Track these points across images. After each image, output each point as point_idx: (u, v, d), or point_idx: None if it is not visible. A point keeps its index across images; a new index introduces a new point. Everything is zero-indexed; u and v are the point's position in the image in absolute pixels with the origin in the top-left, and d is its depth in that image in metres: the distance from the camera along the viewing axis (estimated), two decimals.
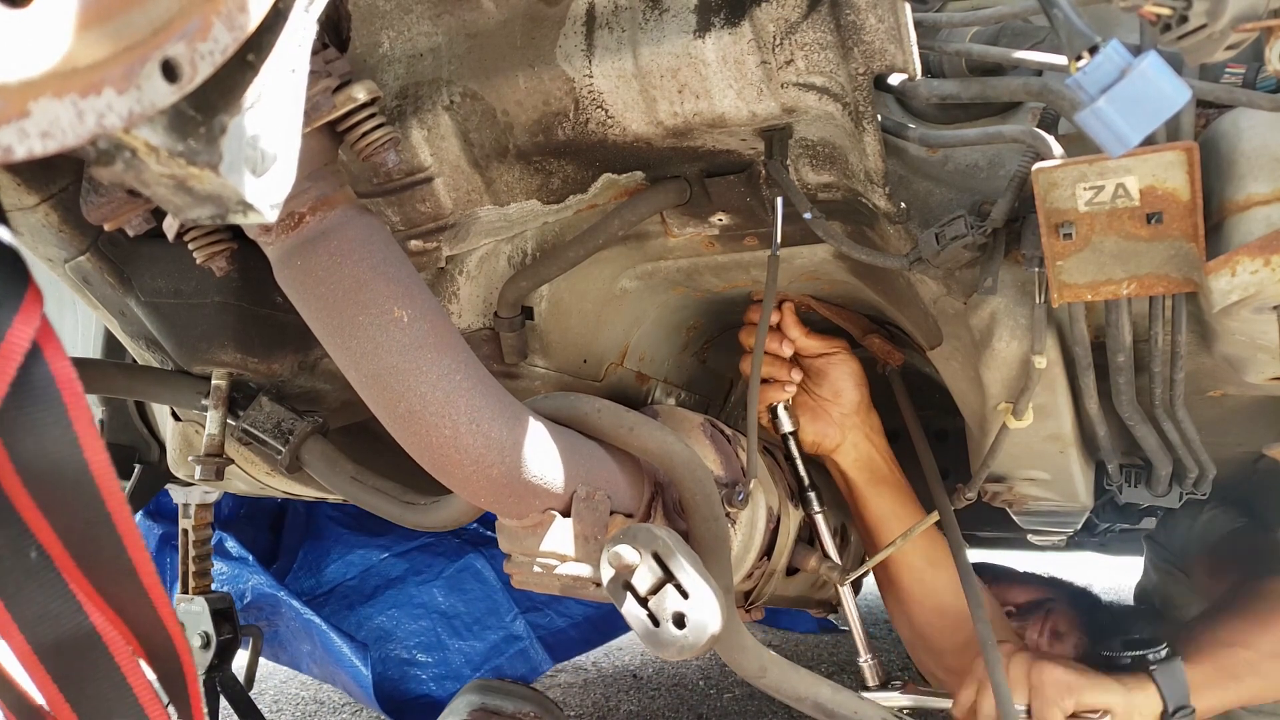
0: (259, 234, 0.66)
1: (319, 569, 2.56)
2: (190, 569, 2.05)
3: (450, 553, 2.63)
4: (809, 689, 0.91)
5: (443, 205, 0.89)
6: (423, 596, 2.53)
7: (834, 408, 1.25)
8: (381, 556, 2.63)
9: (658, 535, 0.72)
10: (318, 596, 2.57)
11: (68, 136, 0.32)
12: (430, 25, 0.83)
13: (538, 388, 1.06)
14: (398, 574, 2.58)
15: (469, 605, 2.53)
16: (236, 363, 1.00)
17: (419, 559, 2.63)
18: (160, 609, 0.52)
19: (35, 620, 0.47)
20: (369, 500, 0.99)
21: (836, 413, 1.25)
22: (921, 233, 0.85)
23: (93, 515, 0.46)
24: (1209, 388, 1.11)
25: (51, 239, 0.92)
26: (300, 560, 2.63)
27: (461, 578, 2.57)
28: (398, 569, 2.60)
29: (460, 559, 2.59)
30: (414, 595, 2.53)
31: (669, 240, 1.03)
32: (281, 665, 2.65)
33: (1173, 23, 0.54)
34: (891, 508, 1.29)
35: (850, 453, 1.28)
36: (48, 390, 0.42)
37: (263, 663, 2.28)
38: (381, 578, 2.59)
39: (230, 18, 0.37)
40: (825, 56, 0.72)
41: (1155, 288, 0.78)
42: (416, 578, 2.57)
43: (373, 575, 2.60)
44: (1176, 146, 0.70)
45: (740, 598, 1.27)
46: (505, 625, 2.50)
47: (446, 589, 2.55)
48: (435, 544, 2.67)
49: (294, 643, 2.44)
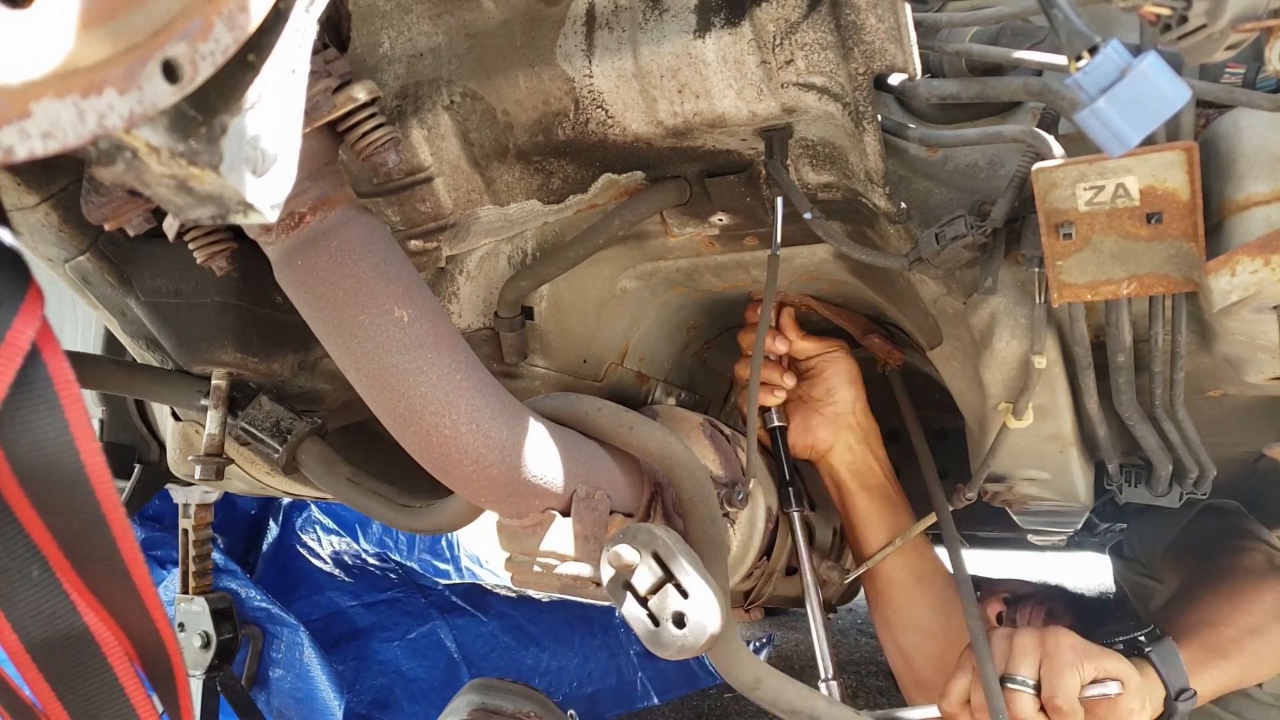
0: (259, 234, 0.66)
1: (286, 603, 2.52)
2: (190, 569, 2.05)
3: (417, 614, 2.62)
4: (804, 702, 0.90)
5: (443, 205, 0.89)
6: (385, 654, 2.50)
7: (827, 408, 1.24)
8: (350, 603, 2.61)
9: (658, 535, 0.72)
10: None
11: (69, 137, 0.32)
12: (430, 25, 0.83)
13: (538, 388, 1.06)
14: (364, 625, 2.56)
15: (428, 673, 2.49)
16: (236, 362, 1.00)
17: (386, 613, 2.61)
18: (152, 610, 0.52)
19: (29, 619, 0.47)
20: (364, 503, 0.99)
21: (830, 412, 1.24)
22: (921, 233, 0.85)
23: (88, 516, 0.46)
24: (1209, 388, 1.11)
25: (51, 239, 0.92)
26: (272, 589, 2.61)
27: (424, 644, 2.54)
28: (365, 620, 2.57)
29: (426, 624, 2.59)
30: (377, 651, 2.50)
31: (669, 240, 1.03)
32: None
33: (1173, 23, 0.54)
34: (881, 516, 1.26)
35: (844, 455, 1.26)
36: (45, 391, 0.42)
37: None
38: (348, 625, 2.56)
39: (231, 18, 0.37)
40: (825, 56, 0.72)
41: (1155, 288, 0.78)
42: (382, 633, 2.54)
43: (339, 620, 2.57)
44: (1176, 146, 0.70)
45: (740, 597, 1.27)
46: None
47: (408, 651, 2.52)
48: (404, 600, 2.67)
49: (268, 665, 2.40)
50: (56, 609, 0.48)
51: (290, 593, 2.61)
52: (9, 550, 0.45)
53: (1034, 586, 1.82)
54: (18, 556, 0.46)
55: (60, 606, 0.48)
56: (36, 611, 0.47)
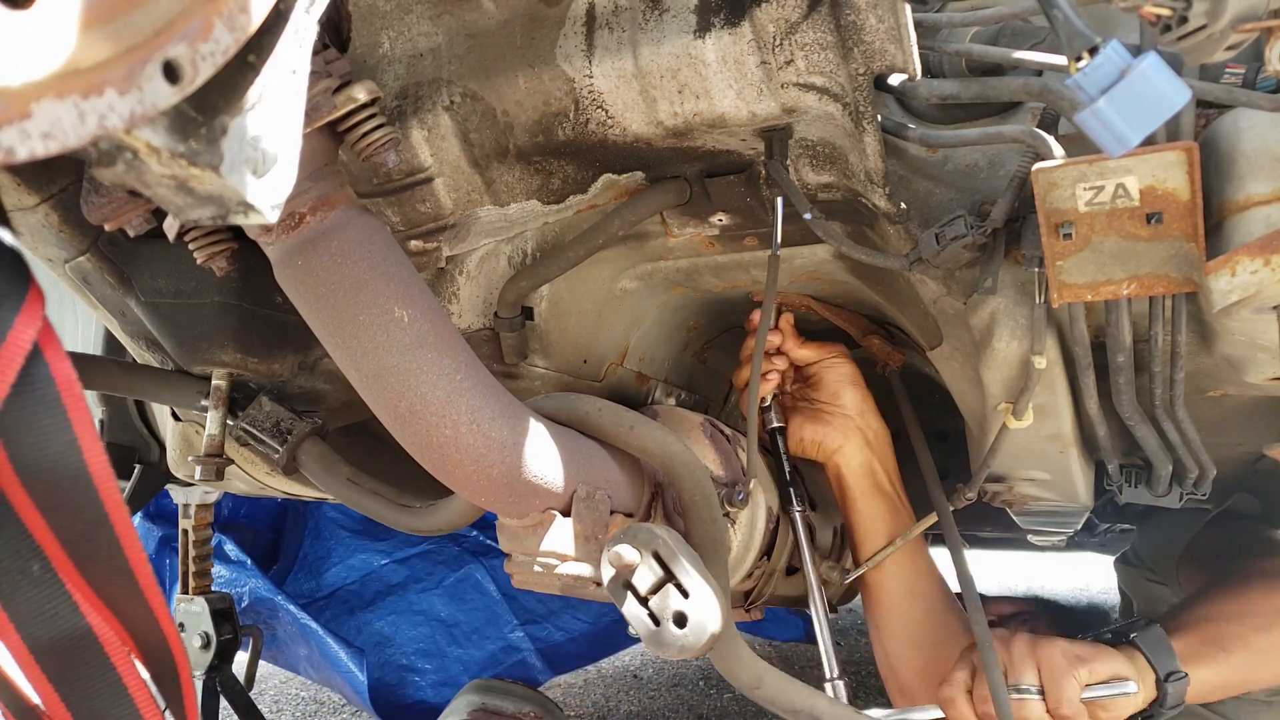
0: (259, 234, 0.66)
1: (319, 572, 2.56)
2: (190, 569, 2.05)
3: (451, 561, 2.63)
4: (805, 701, 0.90)
5: (443, 205, 0.89)
6: (423, 604, 2.54)
7: (834, 411, 1.24)
8: (382, 562, 2.63)
9: (658, 535, 0.73)
10: (317, 600, 2.57)
11: (69, 138, 0.32)
12: (430, 25, 0.83)
13: (538, 388, 1.06)
14: (398, 580, 2.59)
15: (468, 615, 2.53)
16: (236, 363, 1.00)
17: (420, 566, 2.63)
18: (156, 610, 0.52)
19: (32, 619, 0.47)
20: (364, 504, 0.99)
21: (838, 415, 1.24)
22: (921, 233, 0.85)
23: (91, 516, 0.46)
24: (1209, 388, 1.11)
25: (51, 239, 0.92)
26: (300, 562, 2.64)
27: (462, 587, 2.57)
28: (398, 575, 2.60)
29: (461, 568, 2.60)
30: (414, 602, 2.53)
31: (669, 240, 1.03)
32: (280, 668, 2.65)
33: (1173, 23, 0.54)
34: (882, 522, 1.26)
35: (852, 458, 1.26)
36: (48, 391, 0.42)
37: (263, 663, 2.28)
38: (382, 583, 2.59)
39: (231, 19, 0.37)
40: (825, 57, 0.72)
41: (1155, 288, 0.78)
42: (417, 585, 2.57)
43: (373, 580, 2.60)
44: (1176, 146, 0.70)
45: (740, 597, 1.27)
46: (504, 636, 2.51)
47: (447, 597, 2.55)
48: (436, 551, 2.67)
49: (292, 647, 2.44)
50: (59, 609, 0.48)
51: (323, 562, 2.63)
52: (12, 550, 0.45)
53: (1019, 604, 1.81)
54: (21, 556, 0.46)
55: (63, 606, 0.48)
56: (39, 611, 0.47)
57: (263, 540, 2.67)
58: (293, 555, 2.63)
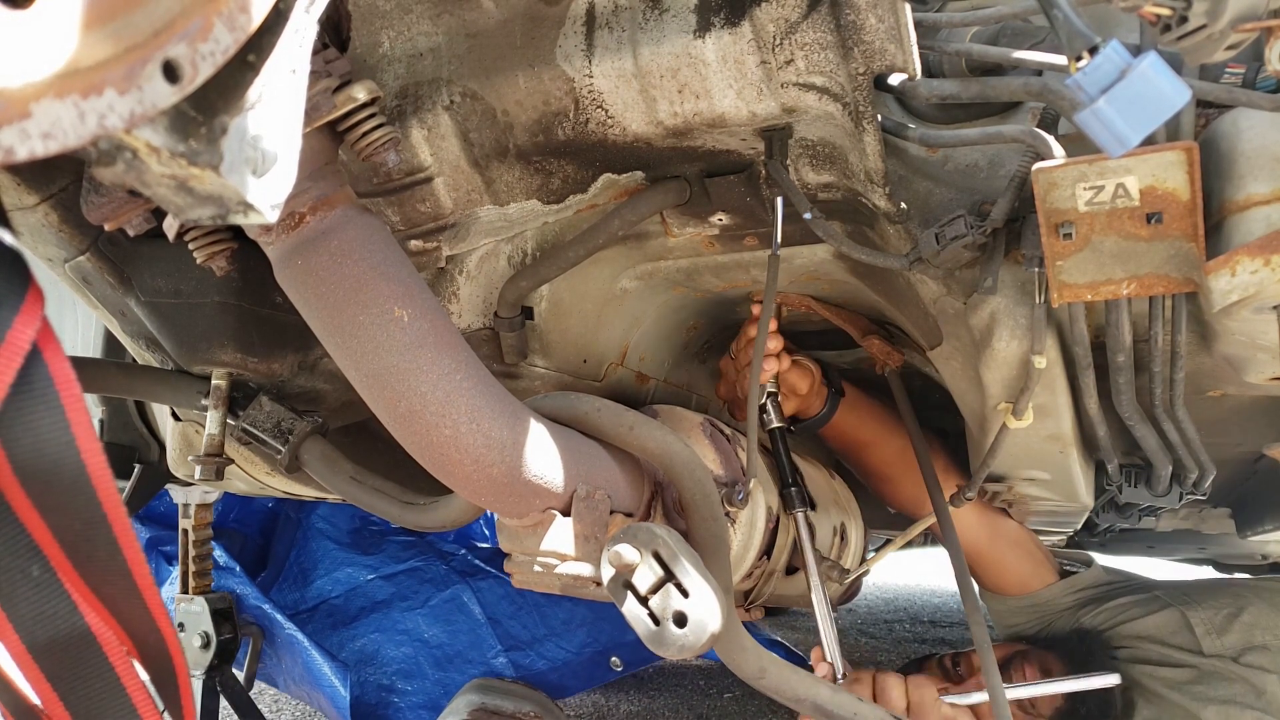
0: (259, 234, 0.66)
1: (305, 582, 2.51)
2: (190, 569, 2.05)
3: (438, 580, 2.60)
4: (808, 690, 0.91)
5: (443, 205, 0.89)
6: (407, 623, 2.49)
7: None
8: (369, 577, 2.59)
9: (658, 534, 0.72)
10: (301, 612, 2.53)
11: (69, 137, 0.32)
12: (430, 25, 0.83)
13: (538, 388, 1.06)
14: (383, 597, 2.54)
15: (452, 637, 2.48)
16: (236, 363, 1.00)
17: (406, 583, 2.60)
18: (154, 610, 0.52)
19: (30, 619, 0.47)
20: (368, 500, 0.99)
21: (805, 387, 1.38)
22: (921, 233, 0.85)
23: (89, 516, 0.46)
24: (1209, 388, 1.11)
25: (51, 239, 0.92)
26: (286, 571, 2.60)
27: (448, 608, 2.53)
28: (384, 592, 2.56)
29: (448, 589, 2.56)
30: (398, 621, 2.49)
31: (669, 240, 1.03)
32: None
33: (1173, 23, 0.54)
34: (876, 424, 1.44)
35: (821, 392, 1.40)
36: (47, 391, 0.42)
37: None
38: (367, 599, 2.56)
39: (231, 18, 0.37)
40: (825, 56, 0.72)
41: (1155, 288, 0.78)
42: (402, 603, 2.53)
43: (358, 595, 2.56)
44: (1176, 146, 0.70)
45: (740, 597, 1.27)
46: (488, 661, 2.46)
47: (432, 618, 2.51)
48: (424, 569, 2.64)
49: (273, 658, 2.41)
50: (58, 609, 0.48)
51: (309, 573, 2.60)
52: (11, 550, 0.45)
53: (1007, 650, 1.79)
54: (19, 556, 0.46)
55: (62, 606, 0.48)
56: (38, 611, 0.47)
57: (252, 546, 2.64)
58: (280, 564, 2.60)
